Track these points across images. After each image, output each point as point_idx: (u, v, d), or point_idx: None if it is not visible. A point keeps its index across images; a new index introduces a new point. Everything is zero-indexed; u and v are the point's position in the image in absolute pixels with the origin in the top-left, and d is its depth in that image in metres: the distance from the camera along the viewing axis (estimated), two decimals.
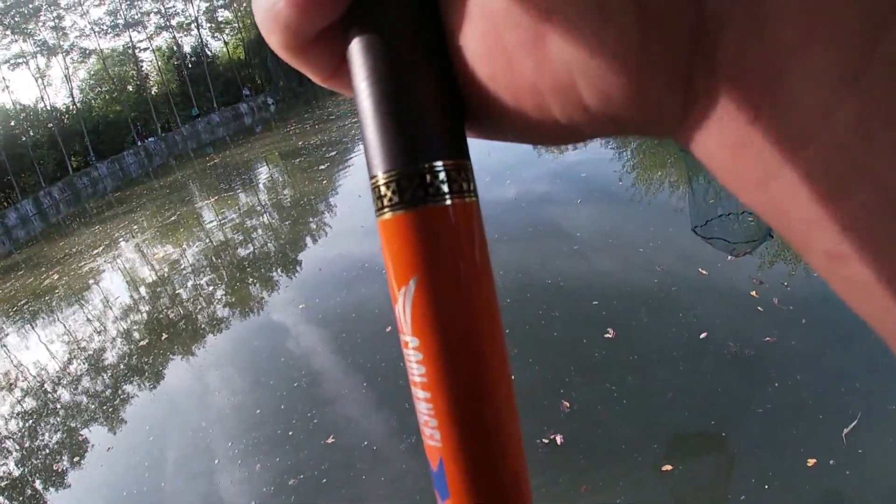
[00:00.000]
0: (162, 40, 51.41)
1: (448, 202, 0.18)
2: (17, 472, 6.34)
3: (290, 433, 4.90)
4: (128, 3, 47.09)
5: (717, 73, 0.14)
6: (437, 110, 0.18)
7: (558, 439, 3.83)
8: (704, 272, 5.21)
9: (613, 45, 0.14)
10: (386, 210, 0.19)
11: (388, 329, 5.91)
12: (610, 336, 4.69)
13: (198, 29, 52.98)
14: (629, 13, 0.14)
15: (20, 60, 41.23)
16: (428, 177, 0.18)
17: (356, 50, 0.18)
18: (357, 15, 0.17)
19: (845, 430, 3.25)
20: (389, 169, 0.18)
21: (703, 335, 4.38)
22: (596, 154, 10.37)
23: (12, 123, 39.79)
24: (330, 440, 4.63)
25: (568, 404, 4.12)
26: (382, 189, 0.19)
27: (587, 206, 7.79)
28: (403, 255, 0.18)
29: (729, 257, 5.22)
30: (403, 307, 0.18)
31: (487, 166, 10.81)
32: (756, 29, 0.13)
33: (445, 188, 0.18)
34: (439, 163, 0.18)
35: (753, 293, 4.75)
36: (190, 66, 51.86)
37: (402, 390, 4.95)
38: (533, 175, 9.87)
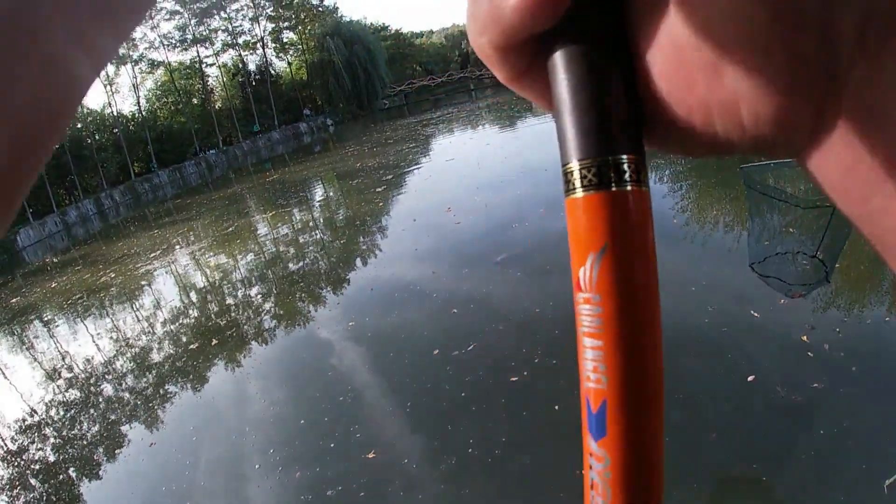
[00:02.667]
0: (228, 57, 53.39)
1: (629, 188, 0.21)
2: (56, 460, 6.58)
3: (332, 445, 5.01)
4: (197, 20, 49.07)
5: (843, 106, 0.18)
6: (624, 114, 0.21)
7: None
8: (756, 314, 5.18)
9: (771, 79, 0.18)
10: (579, 190, 0.21)
11: (436, 352, 6.03)
12: None
13: (263, 48, 54.81)
14: (784, 54, 0.17)
15: None
16: (617, 166, 0.21)
17: (561, 57, 0.21)
18: (564, 28, 0.20)
19: (887, 482, 3.21)
20: (584, 157, 0.21)
21: (750, 378, 4.36)
22: (651, 189, 10.37)
23: (79, 126, 41.50)
24: (371, 455, 4.72)
25: None
26: (576, 173, 0.21)
27: None
28: (596, 227, 0.21)
29: (782, 300, 5.22)
30: (591, 268, 0.21)
31: (539, 196, 10.93)
32: (877, 72, 0.17)
33: (628, 177, 0.21)
34: (625, 156, 0.21)
35: (804, 338, 4.71)
36: (254, 83, 53.48)
37: (446, 413, 5.04)
38: None
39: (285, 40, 56.97)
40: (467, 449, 4.48)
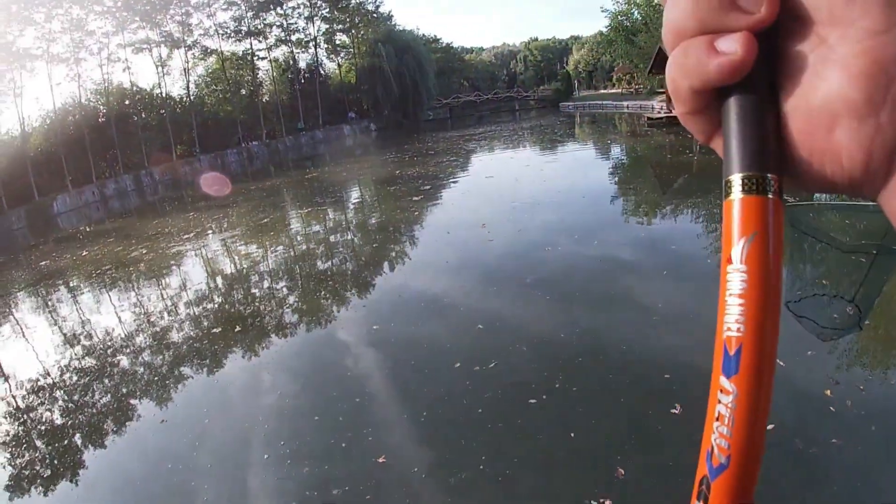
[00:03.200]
0: (280, 53, 54.22)
1: (773, 197, 0.29)
2: (64, 424, 6.66)
3: (343, 445, 4.99)
4: (253, 13, 49.94)
5: None
6: (775, 145, 0.29)
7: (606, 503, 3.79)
8: (781, 363, 5.07)
9: (863, 139, 0.27)
10: (738, 193, 0.29)
11: (457, 365, 6.01)
12: (676, 412, 4.62)
13: (315, 48, 55.64)
14: (871, 123, 0.26)
15: (144, 46, 43.72)
16: (768, 180, 0.29)
17: (735, 101, 0.30)
18: (740, 83, 0.29)
19: None
20: (746, 171, 0.29)
21: (770, 427, 4.25)
22: (687, 227, 10.30)
23: (126, 102, 42.39)
24: (381, 459, 4.70)
25: (623, 472, 4.08)
26: (737, 182, 0.29)
27: (673, 279, 7.72)
28: (749, 219, 0.28)
29: (809, 352, 5.11)
30: (742, 248, 0.28)
31: (575, 222, 10.90)
32: None
33: (773, 190, 0.29)
34: (773, 175, 0.29)
35: (828, 392, 4.62)
36: (303, 81, 54.26)
37: (460, 427, 5.01)
38: (621, 239, 9.85)
39: (338, 42, 57.77)
40: (478, 465, 4.44)
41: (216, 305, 10.27)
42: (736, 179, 0.29)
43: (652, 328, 6.27)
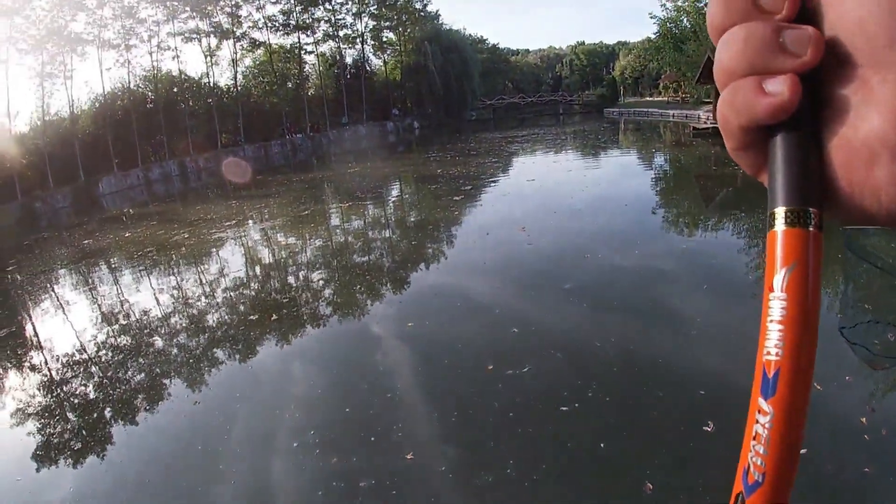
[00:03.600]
0: (327, 47, 54.70)
1: (812, 229, 0.30)
2: (97, 398, 6.86)
3: (373, 439, 5.02)
4: (302, 7, 50.48)
5: None
6: (817, 181, 0.31)
7: None
8: (819, 387, 4.95)
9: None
10: (782, 225, 0.31)
11: (490, 367, 5.99)
12: (709, 429, 4.53)
13: (362, 44, 56.02)
14: None
15: (193, 36, 44.61)
16: (810, 214, 0.30)
17: (781, 139, 0.31)
18: (786, 121, 0.31)
19: None
20: (790, 205, 0.30)
21: (802, 451, 4.14)
22: (729, 242, 10.13)
23: (175, 90, 43.30)
24: (409, 456, 4.72)
25: (651, 487, 4.02)
26: (781, 215, 0.31)
27: (712, 294, 7.58)
28: (791, 250, 0.30)
29: (848, 377, 4.98)
30: (783, 277, 0.30)
31: (616, 230, 10.79)
32: None
33: (815, 223, 0.30)
34: (814, 210, 0.30)
35: (863, 420, 4.48)
36: (348, 76, 54.71)
37: (490, 430, 4.99)
38: (662, 250, 9.71)
39: (384, 39, 58.06)
40: (505, 469, 4.42)
41: (254, 293, 10.44)
42: (779, 212, 0.31)
43: (689, 343, 6.18)
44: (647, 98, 60.74)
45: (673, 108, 42.08)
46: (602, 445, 4.53)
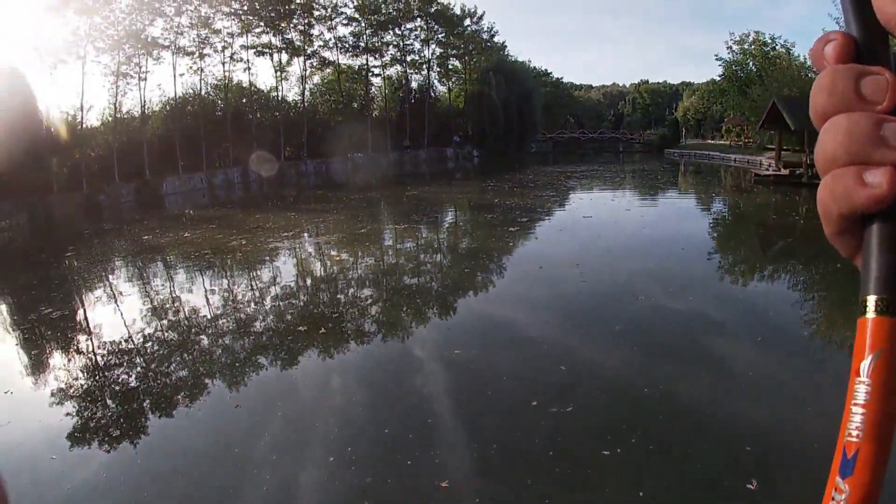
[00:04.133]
0: (393, 71, 55.68)
1: None
2: (140, 390, 6.99)
3: (409, 463, 5.02)
4: (372, 30, 51.58)
5: None
6: None
7: None
8: None
9: None
10: (872, 313, 0.32)
11: (534, 403, 5.93)
12: (752, 487, 4.39)
13: (428, 70, 56.81)
14: None
15: (266, 50, 45.75)
16: None
17: (877, 229, 0.32)
18: (882, 212, 0.32)
19: None
20: (882, 294, 0.32)
21: None
22: (786, 294, 9.88)
23: (244, 100, 44.60)
24: (444, 484, 4.69)
25: None
26: (872, 302, 0.32)
27: (766, 347, 7.38)
28: (878, 338, 0.31)
29: None
30: (869, 363, 0.31)
31: (671, 274, 10.62)
32: None
33: None
34: None
35: None
36: (412, 101, 55.48)
37: (529, 466, 4.94)
38: (717, 298, 9.53)
39: (450, 67, 58.80)
40: None
41: (304, 304, 10.62)
42: (871, 300, 0.32)
43: (739, 396, 6.00)
44: (709, 141, 59.71)
45: (735, 152, 41.32)
46: (641, 494, 4.44)
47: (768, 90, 31.71)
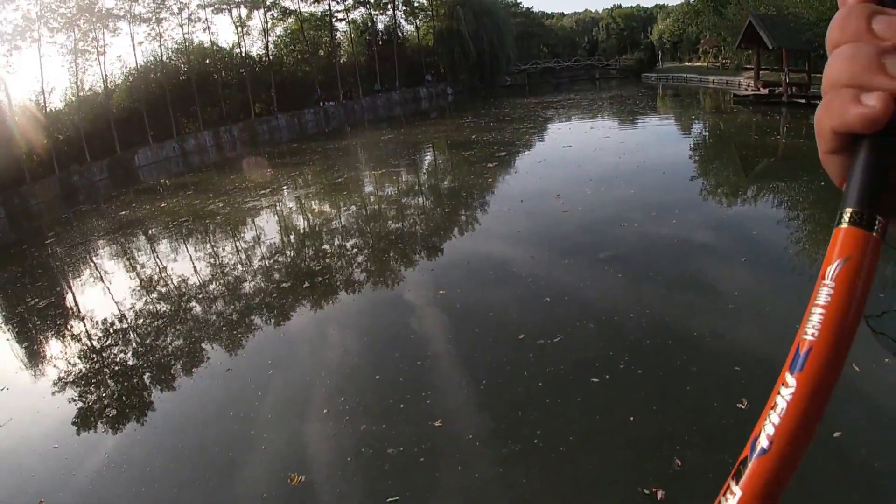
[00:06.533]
0: (358, 14, 53.92)
1: (874, 234, 0.33)
2: (134, 364, 7.01)
3: (402, 406, 5.04)
4: None
5: None
6: (888, 191, 0.34)
7: (659, 494, 3.67)
8: (858, 368, 4.80)
9: None
10: (846, 224, 0.33)
11: (521, 336, 5.95)
12: (742, 407, 4.42)
13: (393, 10, 55.21)
14: None
15: (224, 7, 43.94)
16: (875, 220, 0.33)
17: (865, 148, 0.34)
18: (872, 135, 0.33)
19: None
20: (856, 206, 0.33)
21: (837, 433, 4.02)
22: (770, 213, 9.87)
23: (207, 61, 43.33)
24: (437, 423, 4.72)
25: (679, 463, 3.95)
26: (847, 214, 0.33)
27: (751, 267, 7.38)
28: (847, 246, 0.33)
29: (887, 359, 4.82)
30: (836, 268, 0.33)
31: (652, 199, 10.57)
32: None
33: (876, 228, 0.33)
34: (881, 218, 0.33)
35: None
36: (380, 43, 54.07)
37: (519, 399, 4.97)
38: (700, 221, 9.48)
39: (416, 4, 57.14)
40: (533, 439, 4.40)
41: (287, 260, 10.52)
42: (847, 212, 0.34)
43: (725, 317, 6.02)
44: (686, 63, 58.93)
45: (712, 74, 40.76)
46: (632, 419, 4.47)
47: (744, 9, 31.01)
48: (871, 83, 0.33)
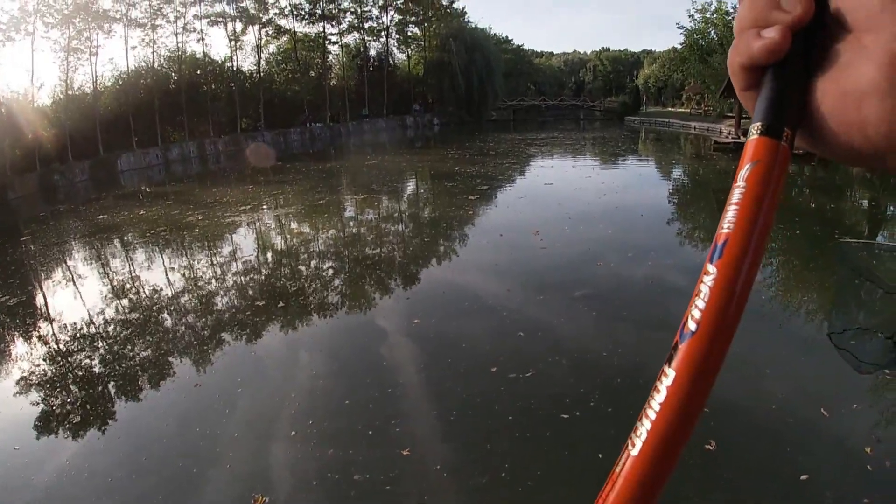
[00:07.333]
0: (351, 38, 54.43)
1: (782, 143, 0.36)
2: (100, 373, 6.83)
3: (370, 433, 5.01)
4: None
5: None
6: (794, 107, 0.37)
7: None
8: (826, 413, 4.90)
9: (886, 111, 0.32)
10: (755, 134, 0.36)
11: (494, 370, 5.96)
12: (710, 448, 4.48)
13: (387, 38, 55.85)
14: (890, 104, 0.32)
15: (219, 20, 44.33)
16: (782, 129, 0.36)
17: (769, 73, 0.37)
18: (777, 65, 0.37)
19: None
20: (763, 120, 0.36)
21: (804, 476, 4.10)
22: None
23: (198, 72, 43.32)
24: (405, 452, 4.70)
25: None
26: (755, 127, 0.37)
27: None
28: (759, 151, 0.36)
29: (855, 405, 4.93)
30: (746, 170, 0.36)
31: (630, 241, 10.72)
32: None
33: (784, 138, 0.36)
34: (787, 128, 0.36)
35: (868, 450, 4.42)
36: (371, 68, 54.55)
37: (489, 432, 4.97)
38: (676, 264, 9.65)
39: (409, 34, 57.88)
40: (500, 472, 4.40)
41: (263, 278, 10.45)
42: (756, 125, 0.37)
43: None
44: (670, 108, 60.25)
45: (695, 120, 41.72)
46: (600, 456, 4.48)
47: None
48: (769, 19, 0.37)
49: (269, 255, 12.13)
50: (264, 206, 17.62)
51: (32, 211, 21.87)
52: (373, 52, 56.30)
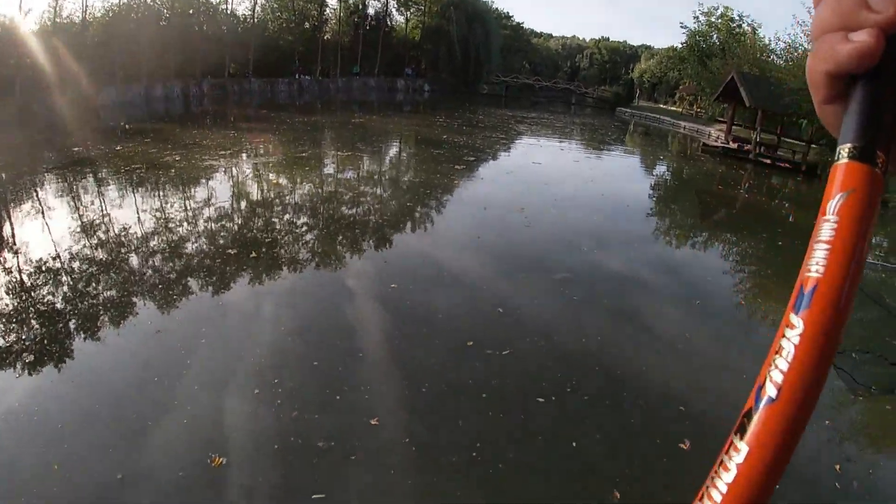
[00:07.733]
0: None
1: (875, 169, 0.32)
2: (62, 309, 6.42)
3: (338, 397, 4.79)
4: None
5: None
6: (886, 125, 0.32)
7: None
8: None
9: None
10: (845, 158, 0.32)
11: (470, 344, 5.77)
12: (684, 447, 4.37)
13: None
14: None
15: None
16: (876, 154, 0.32)
17: (862, 85, 0.33)
18: (867, 76, 0.33)
19: None
20: (854, 141, 0.32)
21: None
22: (717, 263, 10.02)
23: (191, 11, 42.01)
24: (373, 422, 4.49)
25: (619, 495, 3.85)
26: (845, 149, 0.32)
27: (704, 311, 7.44)
28: (848, 179, 0.32)
29: (827, 421, 4.87)
30: (837, 202, 0.31)
31: (616, 229, 10.59)
32: None
33: (878, 163, 0.32)
34: (881, 152, 0.32)
35: (838, 467, 4.39)
36: (367, 27, 53.57)
37: (461, 409, 4.78)
38: (659, 257, 9.60)
39: None
40: (471, 452, 4.23)
41: (237, 227, 10.09)
42: (845, 148, 0.33)
43: (675, 356, 6.01)
44: (661, 105, 60.23)
45: (685, 120, 41.69)
46: (574, 444, 4.35)
47: (728, 64, 31.75)
48: (858, 20, 0.32)
49: (245, 203, 11.74)
50: (244, 154, 17.12)
51: (7, 139, 21.05)
52: (371, 11, 55.23)
